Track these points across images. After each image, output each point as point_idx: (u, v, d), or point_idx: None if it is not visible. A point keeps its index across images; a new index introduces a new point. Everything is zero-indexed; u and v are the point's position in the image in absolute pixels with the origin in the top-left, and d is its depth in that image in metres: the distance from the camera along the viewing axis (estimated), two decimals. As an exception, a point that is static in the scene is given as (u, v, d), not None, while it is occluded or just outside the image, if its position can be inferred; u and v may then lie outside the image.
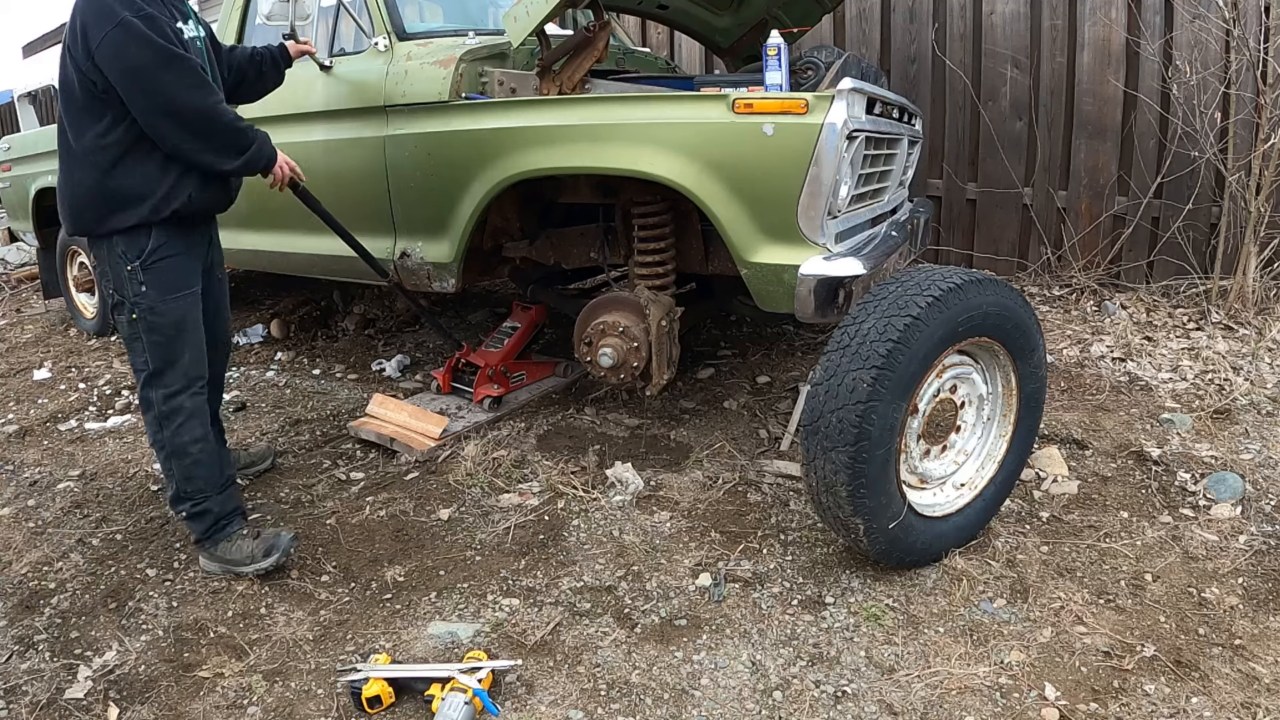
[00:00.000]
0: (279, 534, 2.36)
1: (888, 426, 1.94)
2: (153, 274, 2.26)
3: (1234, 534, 2.29)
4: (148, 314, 2.26)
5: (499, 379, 3.32)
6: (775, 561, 2.28)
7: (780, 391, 3.37)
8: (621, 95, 2.63)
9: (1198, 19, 3.74)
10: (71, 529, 2.67)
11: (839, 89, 2.18)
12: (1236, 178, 3.66)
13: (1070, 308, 4.07)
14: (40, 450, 3.36)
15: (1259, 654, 1.86)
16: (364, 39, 3.09)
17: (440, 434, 3.02)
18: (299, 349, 4.37)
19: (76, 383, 4.14)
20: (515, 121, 2.63)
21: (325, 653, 2.02)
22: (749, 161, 2.28)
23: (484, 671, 1.84)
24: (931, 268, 2.13)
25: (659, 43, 5.40)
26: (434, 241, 2.93)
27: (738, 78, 3.31)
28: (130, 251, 2.24)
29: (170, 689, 1.93)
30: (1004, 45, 4.27)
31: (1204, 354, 3.38)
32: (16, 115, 5.94)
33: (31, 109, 5.80)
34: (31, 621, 2.20)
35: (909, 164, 3.15)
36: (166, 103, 2.13)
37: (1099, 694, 1.76)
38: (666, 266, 2.77)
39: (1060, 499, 2.50)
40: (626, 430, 3.11)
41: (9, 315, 5.83)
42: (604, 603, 2.15)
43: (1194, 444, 2.74)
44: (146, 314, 2.26)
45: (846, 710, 1.76)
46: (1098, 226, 4.18)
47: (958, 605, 2.06)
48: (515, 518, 2.55)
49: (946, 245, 4.60)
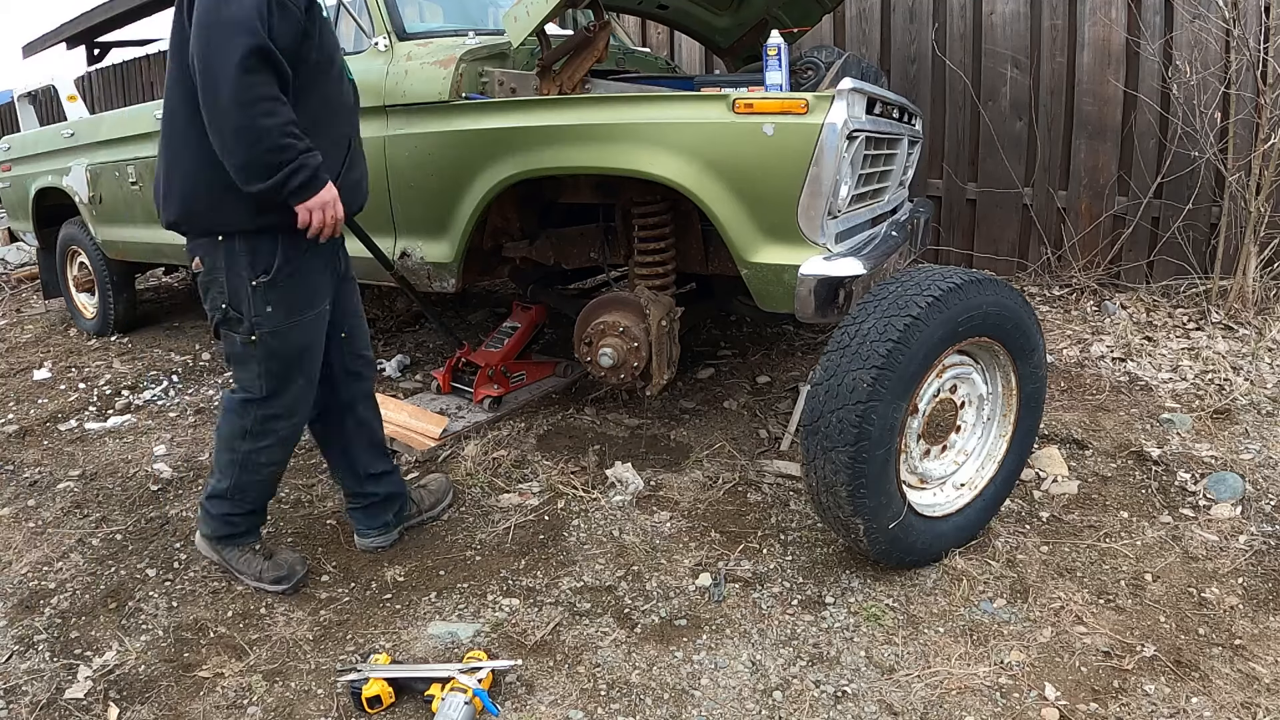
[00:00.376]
0: (294, 565, 2.26)
1: (888, 426, 1.94)
2: (280, 291, 1.99)
3: (1234, 534, 2.29)
4: (269, 337, 2.01)
5: (499, 379, 3.32)
6: (775, 561, 2.28)
7: (780, 391, 3.37)
8: (622, 95, 2.63)
9: (1198, 19, 3.73)
10: (71, 529, 2.67)
11: (839, 89, 2.18)
12: (1236, 178, 3.66)
13: (1070, 308, 4.07)
14: (40, 450, 3.36)
15: (1259, 654, 1.86)
16: (364, 39, 3.09)
17: (440, 434, 3.02)
18: (299, 349, 4.37)
19: (76, 383, 4.14)
20: (515, 121, 2.63)
21: (325, 653, 2.02)
22: (749, 161, 2.28)
23: (484, 671, 1.84)
24: (931, 268, 2.13)
25: (659, 43, 5.40)
26: (434, 241, 2.93)
27: (738, 78, 3.31)
28: (257, 262, 1.96)
29: (170, 689, 1.93)
30: (1004, 45, 4.27)
31: (1204, 354, 3.38)
32: (16, 115, 5.93)
33: (31, 109, 5.80)
34: (31, 621, 2.20)
35: (909, 164, 3.15)
36: (214, 87, 1.78)
37: (1099, 694, 1.76)
38: (666, 266, 2.77)
39: (1060, 499, 2.50)
40: (626, 430, 3.11)
41: (9, 315, 5.83)
42: (604, 603, 2.15)
43: (1194, 444, 2.74)
44: (268, 337, 2.01)
45: (846, 710, 1.76)
46: (1098, 226, 4.18)
47: (958, 605, 2.06)
48: (515, 518, 2.55)
49: (946, 245, 4.60)
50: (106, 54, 11.03)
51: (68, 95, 5.65)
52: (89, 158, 4.41)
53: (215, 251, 1.98)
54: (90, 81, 10.40)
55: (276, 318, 2.00)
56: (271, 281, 1.98)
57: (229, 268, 1.98)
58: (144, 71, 9.62)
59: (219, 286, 2.00)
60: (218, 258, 1.98)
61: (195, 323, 5.10)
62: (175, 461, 3.12)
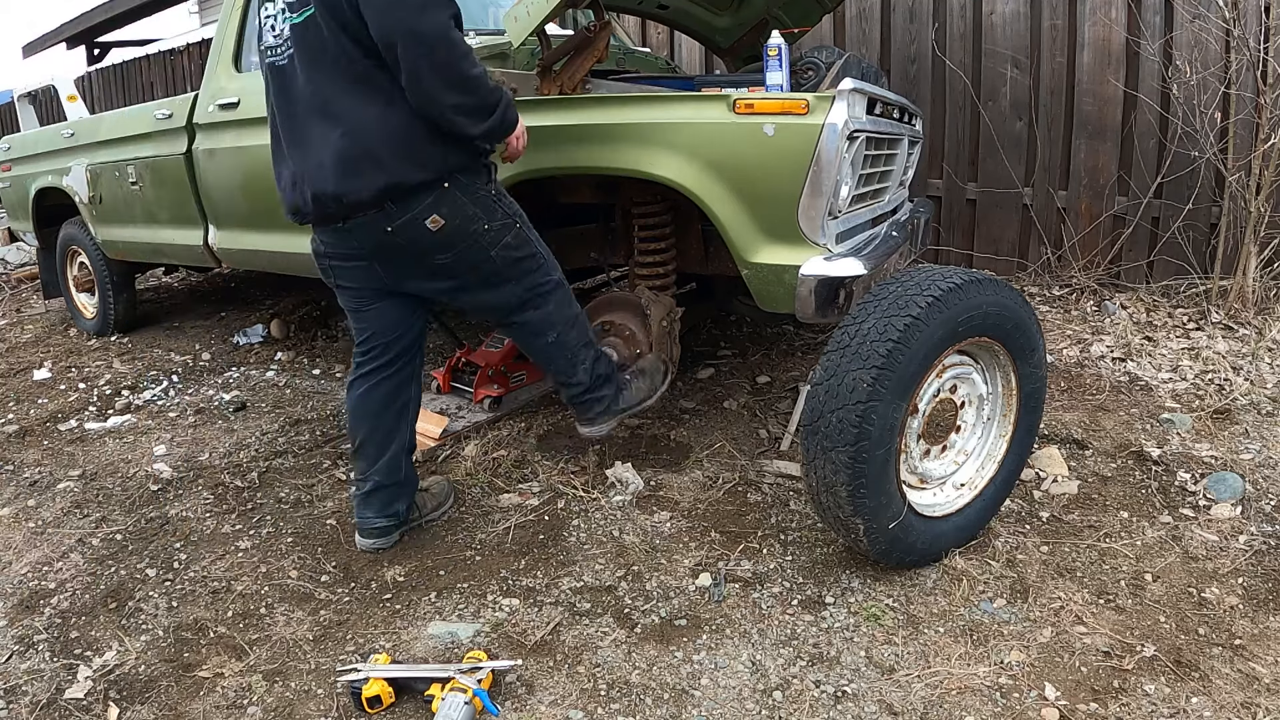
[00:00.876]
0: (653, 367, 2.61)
1: (888, 426, 1.94)
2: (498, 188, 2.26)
3: (1234, 534, 2.29)
4: (518, 217, 2.25)
5: (499, 379, 3.32)
6: (775, 561, 2.28)
7: (780, 391, 3.37)
8: (622, 95, 2.63)
9: (1198, 19, 3.73)
10: (71, 529, 2.67)
11: (840, 89, 2.18)
12: (1236, 178, 3.66)
13: (1070, 308, 4.07)
14: (40, 450, 3.36)
15: (1259, 654, 1.86)
16: (364, 39, 3.09)
17: (440, 434, 3.02)
18: (299, 349, 4.38)
19: (76, 383, 4.14)
20: (515, 121, 2.62)
21: (325, 653, 2.02)
22: (750, 162, 2.28)
23: (484, 671, 1.84)
24: (932, 268, 2.13)
25: (659, 43, 5.40)
26: (434, 241, 2.92)
27: (738, 78, 3.31)
28: (477, 180, 2.17)
29: (170, 689, 1.93)
30: (1004, 45, 4.27)
31: (1204, 354, 3.38)
32: (16, 115, 5.93)
33: (31, 109, 5.80)
34: (31, 621, 2.20)
35: (909, 164, 3.15)
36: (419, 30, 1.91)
37: (1099, 694, 1.77)
38: (667, 266, 2.77)
39: (1060, 499, 2.50)
40: (626, 430, 3.11)
41: (9, 315, 5.83)
42: (604, 603, 2.15)
43: (1194, 444, 2.74)
44: (517, 218, 2.25)
45: (846, 710, 1.76)
46: (1098, 226, 4.18)
47: (958, 605, 2.06)
48: (515, 518, 2.56)
49: (946, 245, 4.60)
50: (106, 54, 11.05)
51: (68, 95, 5.65)
52: (89, 158, 4.41)
53: (447, 196, 2.11)
54: (90, 81, 10.41)
55: (512, 205, 2.27)
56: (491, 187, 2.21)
57: (469, 194, 2.14)
58: (144, 71, 9.62)
59: (471, 219, 2.14)
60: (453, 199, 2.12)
61: (195, 323, 5.10)
62: (175, 461, 3.12)
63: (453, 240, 2.15)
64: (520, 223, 2.27)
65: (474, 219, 2.15)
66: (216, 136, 3.53)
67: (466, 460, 2.86)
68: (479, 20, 3.50)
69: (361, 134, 2.02)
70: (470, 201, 2.15)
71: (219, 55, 3.56)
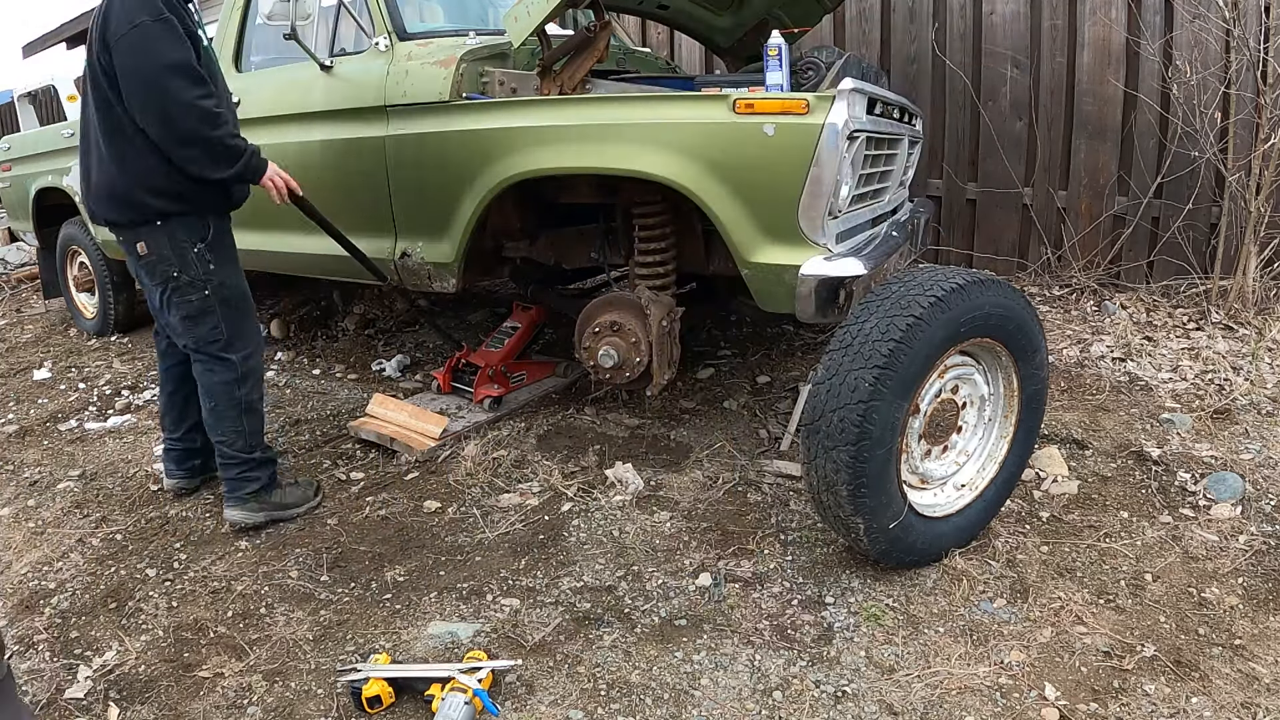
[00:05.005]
0: (307, 480, 2.77)
1: (889, 426, 1.94)
2: (217, 251, 2.46)
3: (1234, 534, 2.29)
4: (219, 289, 2.48)
5: (499, 379, 3.32)
6: (775, 561, 2.27)
7: (780, 391, 3.37)
8: (622, 95, 2.63)
9: (1198, 19, 3.73)
10: (71, 529, 2.67)
11: (840, 89, 2.18)
12: (1236, 178, 3.66)
13: (1070, 308, 4.07)
14: (40, 450, 3.36)
15: (1259, 654, 1.86)
16: (364, 39, 3.09)
17: (440, 434, 3.02)
18: (299, 349, 4.37)
19: (76, 383, 4.14)
20: (516, 121, 2.63)
21: (325, 653, 2.02)
22: (750, 162, 2.28)
23: (484, 671, 1.84)
24: (934, 268, 2.13)
25: (659, 43, 5.40)
26: (434, 242, 2.93)
27: (738, 78, 3.31)
28: (193, 235, 2.41)
29: (170, 689, 1.93)
30: (1004, 45, 4.27)
31: (1204, 354, 3.38)
32: (16, 115, 5.93)
33: (31, 109, 5.81)
34: (31, 621, 2.20)
35: (909, 164, 3.15)
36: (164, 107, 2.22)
37: (1099, 694, 1.76)
38: (667, 266, 2.77)
39: (1060, 499, 2.50)
40: (626, 430, 3.11)
41: (9, 315, 5.83)
42: (604, 603, 2.15)
43: (1194, 444, 2.74)
44: (219, 289, 2.47)
45: (846, 710, 1.76)
46: (1098, 226, 4.18)
47: (958, 605, 2.06)
48: (515, 518, 2.55)
49: (946, 245, 4.60)
50: (106, 54, 11.00)
51: (68, 95, 5.66)
52: (89, 157, 4.40)
53: (159, 235, 2.40)
54: (90, 81, 10.39)
55: (222, 272, 2.48)
56: (209, 244, 2.45)
57: (173, 244, 2.40)
58: (144, 71, 9.60)
59: (167, 261, 2.42)
60: (160, 239, 2.40)
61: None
62: (175, 461, 3.12)
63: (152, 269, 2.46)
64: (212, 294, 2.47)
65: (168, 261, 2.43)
66: (216, 136, 3.52)
67: (466, 460, 2.86)
68: (479, 20, 3.50)
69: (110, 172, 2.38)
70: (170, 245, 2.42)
71: (219, 55, 3.56)
